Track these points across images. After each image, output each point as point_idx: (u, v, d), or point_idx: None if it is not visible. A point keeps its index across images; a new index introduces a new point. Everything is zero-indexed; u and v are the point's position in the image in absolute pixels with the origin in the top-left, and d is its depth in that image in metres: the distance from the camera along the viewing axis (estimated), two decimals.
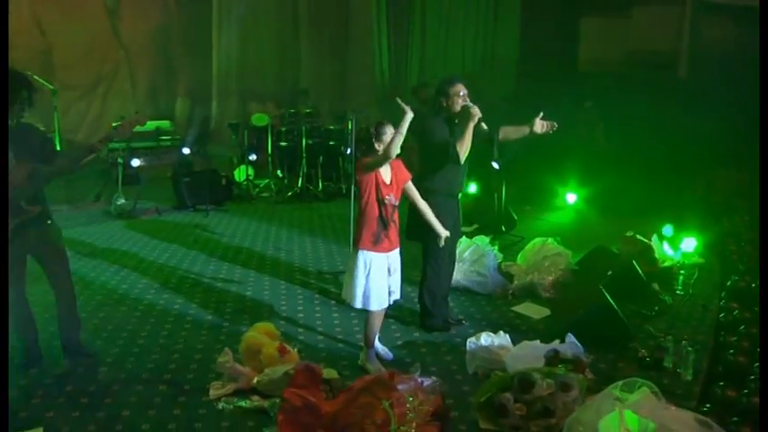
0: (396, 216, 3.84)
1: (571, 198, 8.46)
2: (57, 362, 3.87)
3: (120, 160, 7.77)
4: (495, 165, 7.52)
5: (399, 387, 2.87)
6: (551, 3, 10.09)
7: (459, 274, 5.22)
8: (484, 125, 4.09)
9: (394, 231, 3.81)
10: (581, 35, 10.16)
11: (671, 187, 8.14)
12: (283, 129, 9.03)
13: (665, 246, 6.03)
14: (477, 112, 4.02)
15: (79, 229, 7.06)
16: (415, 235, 4.34)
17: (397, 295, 3.93)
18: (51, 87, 7.75)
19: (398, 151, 3.61)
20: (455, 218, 4.38)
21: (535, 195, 8.70)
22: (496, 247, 5.62)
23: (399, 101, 3.53)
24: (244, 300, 5.03)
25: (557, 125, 4.25)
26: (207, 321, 4.57)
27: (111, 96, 10.91)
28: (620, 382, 2.99)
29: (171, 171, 8.76)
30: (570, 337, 3.78)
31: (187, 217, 7.79)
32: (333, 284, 5.34)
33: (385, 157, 3.57)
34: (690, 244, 6.25)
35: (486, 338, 3.87)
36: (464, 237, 5.59)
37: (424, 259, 4.40)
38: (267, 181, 9.17)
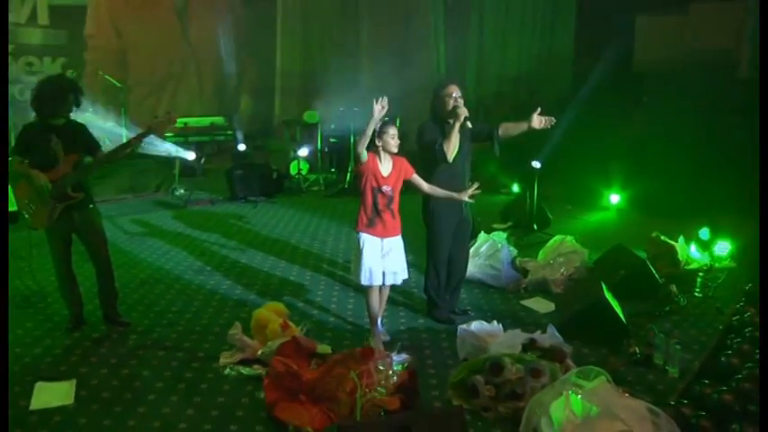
0: (394, 206, 4.19)
1: (614, 198, 8.49)
2: (96, 328, 4.48)
3: (178, 154, 8.50)
4: (536, 164, 7.76)
5: (370, 361, 3.23)
6: (607, 1, 10.04)
7: (474, 268, 5.52)
8: (469, 123, 4.32)
9: (390, 219, 4.15)
10: (636, 34, 10.05)
11: (720, 190, 8.02)
12: (332, 126, 9.52)
13: (693, 248, 6.05)
14: (462, 112, 4.27)
15: (138, 215, 7.81)
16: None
17: (396, 278, 4.26)
18: (120, 85, 8.55)
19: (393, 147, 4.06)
20: (459, 215, 4.61)
21: (579, 195, 8.79)
22: (512, 243, 5.84)
23: (375, 102, 3.86)
24: (270, 283, 5.52)
25: (554, 120, 4.44)
26: (232, 300, 5.08)
27: (180, 93, 11.78)
28: (576, 369, 3.23)
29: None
30: (551, 328, 4.00)
31: (237, 208, 8.42)
32: None
33: (357, 153, 4.01)
34: (723, 248, 6.23)
35: (476, 326, 4.15)
36: (482, 232, 5.88)
37: (427, 254, 4.72)
38: (316, 176, 9.70)
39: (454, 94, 4.38)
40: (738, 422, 3.25)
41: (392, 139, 4.12)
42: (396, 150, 4.16)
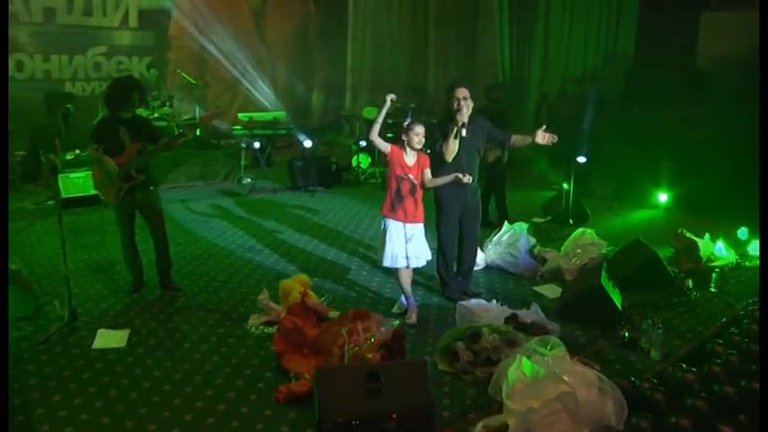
0: (417, 194, 4.74)
1: (662, 197, 8.65)
2: (152, 291, 5.37)
3: (243, 146, 9.44)
4: (581, 159, 8.12)
5: (359, 321, 3.87)
6: None
7: (495, 255, 6.04)
8: (464, 131, 4.79)
9: (411, 205, 4.70)
10: (701, 31, 10.03)
11: None
12: (390, 121, 10.17)
13: (720, 245, 6.25)
14: (460, 118, 4.74)
15: (206, 200, 8.80)
16: None
17: (419, 262, 4.83)
18: (194, 82, 9.59)
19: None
20: (464, 202, 5.10)
21: (629, 193, 9.02)
22: (532, 233, 6.28)
23: (387, 97, 4.49)
24: (308, 262, 6.26)
25: (556, 138, 4.86)
26: (271, 274, 5.84)
27: (254, 88, 12.81)
28: (537, 338, 3.72)
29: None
30: (534, 306, 4.49)
31: (296, 197, 9.24)
32: None
33: (370, 139, 4.63)
34: (757, 247, 6.40)
35: (474, 302, 4.69)
36: (506, 222, 6.37)
37: (437, 237, 5.27)
38: (374, 168, 10.40)
39: (461, 96, 4.84)
40: (693, 398, 3.59)
41: (416, 136, 4.65)
42: (418, 147, 4.68)
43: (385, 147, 4.70)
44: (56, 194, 5.05)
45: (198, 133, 10.07)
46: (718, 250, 6.21)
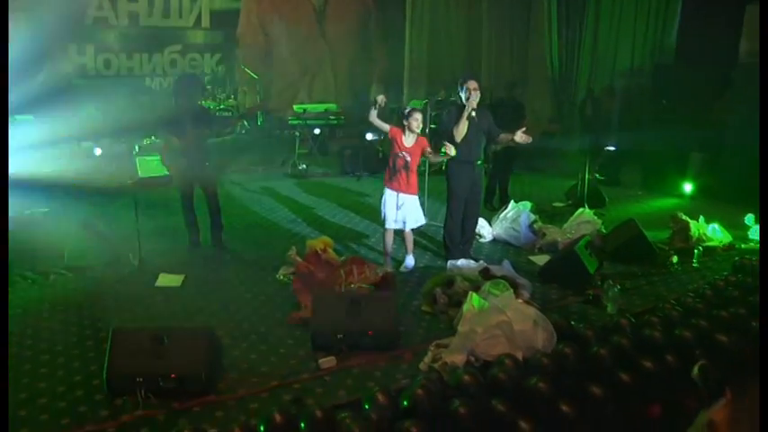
0: (411, 170, 5.91)
1: (688, 187, 9.38)
2: (206, 250, 6.79)
3: (297, 134, 10.87)
4: (610, 147, 9.03)
5: (354, 266, 5.10)
6: None
7: (500, 230, 7.13)
8: (473, 113, 5.81)
9: (403, 178, 5.88)
10: (745, 23, 10.53)
11: None
12: (433, 113, 11.32)
13: (714, 227, 7.04)
14: (470, 104, 5.79)
15: (263, 183, 10.27)
16: None
17: (407, 225, 6.03)
18: (256, 77, 11.10)
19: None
20: (472, 180, 6.19)
21: (657, 182, 9.80)
22: (534, 210, 7.30)
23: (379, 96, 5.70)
24: (342, 232, 7.54)
25: (531, 139, 5.95)
26: (306, 239, 7.13)
27: (316, 83, 14.26)
28: (491, 282, 4.82)
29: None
30: (506, 263, 5.56)
31: (343, 181, 10.58)
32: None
33: (370, 121, 5.87)
34: (757, 231, 7.16)
35: (462, 261, 5.81)
36: (512, 201, 7.43)
37: (446, 208, 6.41)
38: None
39: (471, 87, 5.88)
40: (619, 336, 4.54)
41: (415, 121, 5.84)
42: (417, 131, 5.87)
43: (384, 127, 5.93)
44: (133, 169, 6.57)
45: (259, 123, 11.64)
46: (710, 231, 7.01)
